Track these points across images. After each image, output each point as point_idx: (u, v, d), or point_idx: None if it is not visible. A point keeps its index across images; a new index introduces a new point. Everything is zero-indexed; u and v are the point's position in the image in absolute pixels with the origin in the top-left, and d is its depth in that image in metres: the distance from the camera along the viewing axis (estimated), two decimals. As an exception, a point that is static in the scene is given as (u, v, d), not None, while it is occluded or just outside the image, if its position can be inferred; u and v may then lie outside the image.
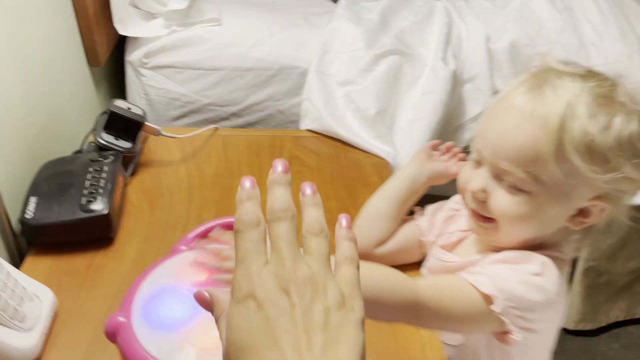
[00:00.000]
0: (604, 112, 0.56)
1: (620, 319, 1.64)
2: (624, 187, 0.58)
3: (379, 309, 0.56)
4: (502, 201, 0.60)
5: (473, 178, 0.62)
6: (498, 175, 0.60)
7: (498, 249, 0.64)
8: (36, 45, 0.94)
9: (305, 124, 1.16)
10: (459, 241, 0.71)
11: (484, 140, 0.61)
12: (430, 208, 0.77)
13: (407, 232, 0.77)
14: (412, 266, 0.78)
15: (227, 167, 1.02)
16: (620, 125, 0.56)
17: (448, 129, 1.20)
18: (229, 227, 0.69)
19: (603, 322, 1.65)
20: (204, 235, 0.68)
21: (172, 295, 0.57)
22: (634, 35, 1.27)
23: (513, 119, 0.58)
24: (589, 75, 0.59)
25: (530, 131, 0.57)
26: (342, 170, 1.03)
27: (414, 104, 1.16)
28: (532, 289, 0.59)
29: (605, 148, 0.56)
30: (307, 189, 0.38)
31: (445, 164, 0.77)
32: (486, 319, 0.59)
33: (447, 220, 0.74)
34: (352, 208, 0.89)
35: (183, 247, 0.65)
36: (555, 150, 0.55)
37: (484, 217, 0.62)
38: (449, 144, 0.79)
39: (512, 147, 0.58)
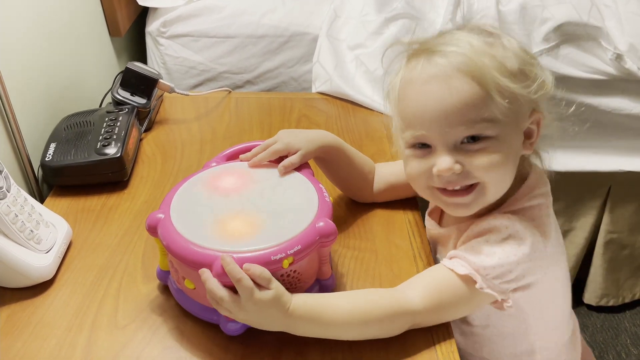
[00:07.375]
0: (493, 40, 0.61)
1: (646, 296, 1.61)
2: (544, 89, 0.61)
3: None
4: (479, 159, 0.59)
5: (436, 162, 0.60)
6: (456, 144, 0.60)
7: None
8: (60, 16, 1.00)
9: (316, 87, 1.18)
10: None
11: (424, 123, 0.60)
12: None
13: (401, 173, 0.77)
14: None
15: (238, 125, 1.06)
16: (508, 44, 0.61)
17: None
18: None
19: (627, 298, 1.60)
20: (235, 156, 0.74)
21: (203, 198, 0.64)
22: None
23: (437, 87, 0.58)
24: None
25: (459, 85, 0.57)
26: (350, 126, 1.06)
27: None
28: (502, 254, 0.59)
29: (517, 64, 0.60)
30: None
31: None
32: (476, 297, 0.60)
33: None
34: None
35: (214, 164, 0.71)
36: (488, 86, 0.57)
37: (464, 190, 0.61)
38: None
39: (455, 109, 0.58)
